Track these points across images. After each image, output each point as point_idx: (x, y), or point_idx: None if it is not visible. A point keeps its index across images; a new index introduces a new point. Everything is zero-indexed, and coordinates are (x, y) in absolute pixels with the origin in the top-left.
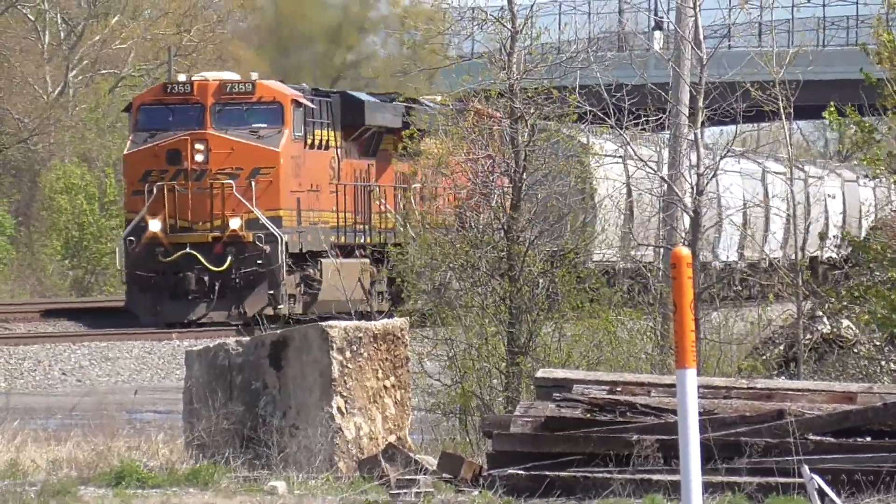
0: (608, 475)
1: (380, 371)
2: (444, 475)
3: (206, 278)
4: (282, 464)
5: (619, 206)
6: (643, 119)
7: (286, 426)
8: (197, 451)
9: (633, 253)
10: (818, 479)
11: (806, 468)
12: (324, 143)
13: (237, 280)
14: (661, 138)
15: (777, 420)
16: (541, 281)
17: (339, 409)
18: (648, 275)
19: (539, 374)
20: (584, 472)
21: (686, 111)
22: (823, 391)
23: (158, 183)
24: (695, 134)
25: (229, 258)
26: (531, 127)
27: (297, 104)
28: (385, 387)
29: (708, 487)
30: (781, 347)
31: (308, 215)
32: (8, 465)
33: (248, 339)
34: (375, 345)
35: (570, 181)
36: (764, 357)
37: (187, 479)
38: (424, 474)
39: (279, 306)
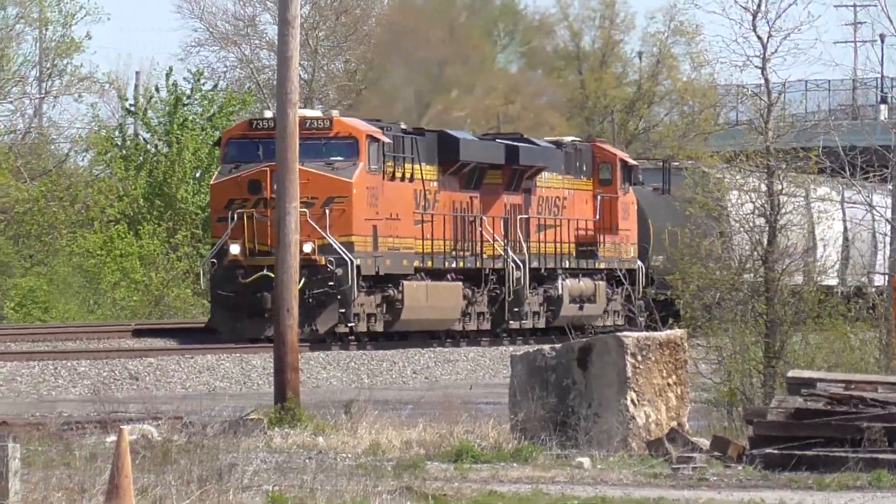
0: (843, 454)
1: (664, 371)
2: (715, 454)
3: None
4: (586, 444)
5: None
6: (871, 174)
7: (590, 414)
8: (519, 434)
9: (861, 278)
10: None
11: None
12: (407, 175)
13: (310, 300)
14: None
15: None
16: (791, 301)
17: (632, 401)
18: (877, 296)
19: (790, 374)
20: (825, 451)
21: None
22: None
23: (239, 210)
24: None
25: (303, 280)
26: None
27: (373, 139)
28: (668, 384)
29: None
30: None
31: (386, 241)
32: (370, 445)
33: (560, 345)
34: (660, 350)
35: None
36: None
37: (511, 456)
38: (699, 453)
39: (350, 324)
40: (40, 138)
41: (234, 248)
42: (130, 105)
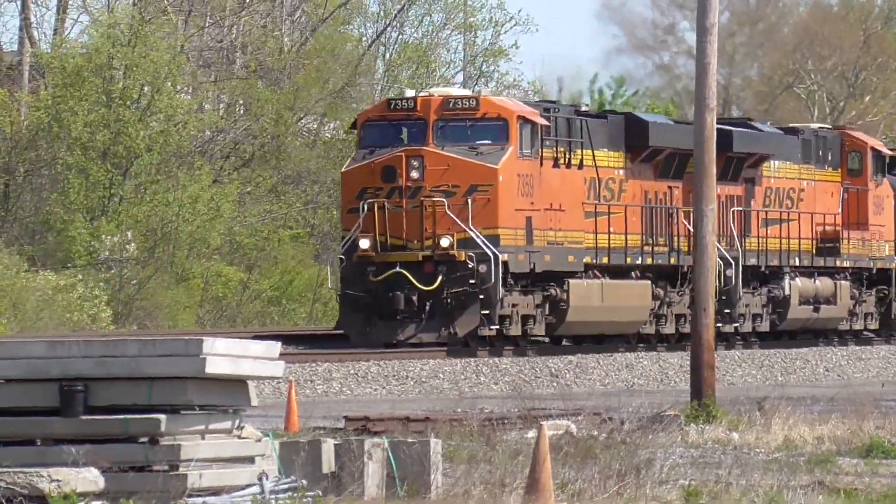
0: None
1: None
2: None
3: (415, 298)
4: None
5: None
6: None
7: None
8: None
9: None
10: None
11: None
12: (576, 162)
13: (448, 300)
14: None
15: None
16: None
17: None
18: None
19: None
20: None
21: None
22: None
23: (370, 200)
24: None
25: (440, 277)
26: None
27: (525, 121)
28: None
29: None
30: None
31: (545, 234)
32: (783, 441)
33: None
34: None
35: None
36: None
37: None
38: None
39: (494, 327)
40: None
41: (364, 243)
42: None
